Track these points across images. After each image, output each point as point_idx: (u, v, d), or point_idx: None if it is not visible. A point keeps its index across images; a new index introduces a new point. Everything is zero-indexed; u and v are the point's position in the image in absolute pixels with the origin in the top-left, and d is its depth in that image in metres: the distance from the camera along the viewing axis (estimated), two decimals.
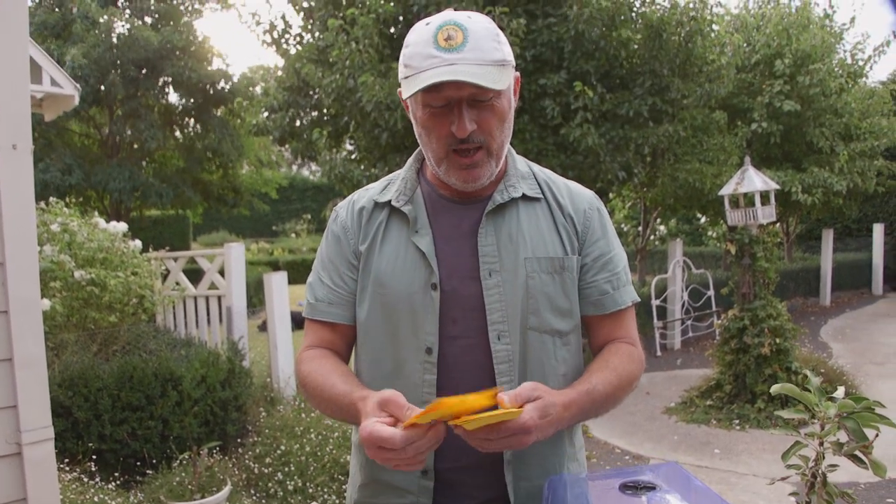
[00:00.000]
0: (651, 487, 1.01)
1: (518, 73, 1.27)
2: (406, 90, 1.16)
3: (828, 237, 12.67)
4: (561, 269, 1.27)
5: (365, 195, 1.36)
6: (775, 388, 1.32)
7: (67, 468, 3.52)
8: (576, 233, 1.30)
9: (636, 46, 6.84)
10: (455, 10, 1.17)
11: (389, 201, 1.30)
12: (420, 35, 1.15)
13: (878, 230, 13.54)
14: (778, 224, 11.77)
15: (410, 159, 1.37)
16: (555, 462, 1.29)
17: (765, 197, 5.99)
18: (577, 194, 1.35)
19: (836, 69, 10.55)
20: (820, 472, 1.29)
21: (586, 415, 1.19)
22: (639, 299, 1.36)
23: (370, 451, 1.00)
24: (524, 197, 1.29)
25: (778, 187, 6.19)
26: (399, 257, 1.26)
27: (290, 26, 8.08)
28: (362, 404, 1.09)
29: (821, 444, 1.28)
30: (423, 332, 1.23)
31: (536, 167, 1.38)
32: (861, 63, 11.27)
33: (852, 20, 12.20)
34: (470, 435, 1.00)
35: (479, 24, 1.15)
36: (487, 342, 1.23)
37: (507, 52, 1.18)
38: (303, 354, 1.33)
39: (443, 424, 0.99)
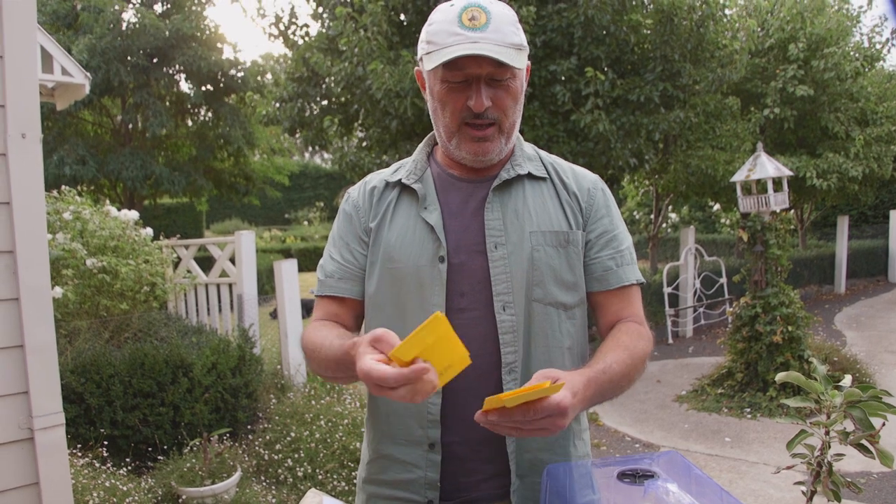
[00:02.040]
0: (650, 476, 1.00)
1: (529, 62, 1.31)
2: (428, 64, 1.21)
3: (843, 224, 12.52)
4: (566, 242, 1.30)
5: (377, 177, 1.42)
6: (780, 376, 1.31)
7: (80, 453, 3.55)
8: (580, 209, 1.34)
9: (647, 31, 6.77)
10: None
11: (400, 180, 1.35)
12: (445, 14, 1.21)
13: (895, 217, 13.38)
14: (792, 211, 11.67)
15: (422, 143, 1.43)
16: (558, 436, 1.29)
17: (777, 183, 5.93)
18: (581, 175, 1.40)
19: (851, 53, 10.39)
20: (826, 461, 1.28)
21: (603, 394, 1.16)
22: (644, 280, 1.38)
23: (371, 388, 0.98)
24: (530, 176, 1.34)
25: (791, 174, 6.12)
26: (408, 232, 1.30)
27: (297, 17, 8.07)
28: (354, 349, 1.07)
29: (827, 432, 1.27)
30: (430, 305, 1.26)
31: (544, 153, 1.42)
32: (878, 46, 11.09)
33: (870, 2, 11.96)
34: (504, 418, 0.97)
35: (500, 8, 1.22)
36: (494, 314, 1.25)
37: (523, 39, 1.24)
38: (307, 327, 1.36)
39: (432, 369, 0.93)
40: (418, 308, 1.27)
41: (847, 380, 1.29)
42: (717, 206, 15.80)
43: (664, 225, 13.51)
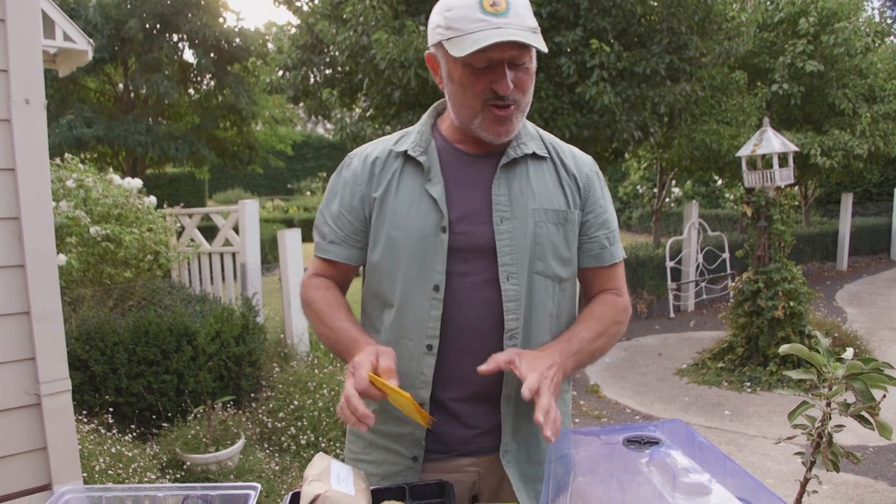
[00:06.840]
0: (655, 442, 1.02)
1: None
2: (454, 50, 1.23)
3: (847, 201, 12.46)
4: (564, 221, 1.40)
5: (379, 146, 1.45)
6: (783, 349, 1.33)
7: (85, 420, 3.60)
8: (578, 191, 1.44)
9: (654, 3, 6.68)
10: None
11: (405, 151, 1.39)
12: (464, 1, 1.24)
13: None
14: (796, 187, 11.62)
15: (425, 115, 1.47)
16: None
17: (783, 159, 5.90)
18: (579, 158, 1.48)
19: (862, 28, 10.25)
20: (826, 432, 1.29)
21: (578, 357, 1.35)
22: (625, 256, 1.53)
23: (346, 373, 1.22)
24: (533, 155, 1.41)
25: (797, 149, 6.08)
26: (413, 203, 1.36)
27: None
28: (359, 347, 1.28)
29: (828, 404, 1.28)
30: (430, 271, 1.33)
31: (543, 131, 1.50)
32: (890, 21, 10.94)
33: None
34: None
35: None
36: (496, 282, 1.34)
37: (535, 22, 1.30)
38: (310, 280, 1.49)
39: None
40: (419, 274, 1.34)
41: (849, 353, 1.30)
42: (720, 181, 15.73)
43: (668, 199, 13.45)
